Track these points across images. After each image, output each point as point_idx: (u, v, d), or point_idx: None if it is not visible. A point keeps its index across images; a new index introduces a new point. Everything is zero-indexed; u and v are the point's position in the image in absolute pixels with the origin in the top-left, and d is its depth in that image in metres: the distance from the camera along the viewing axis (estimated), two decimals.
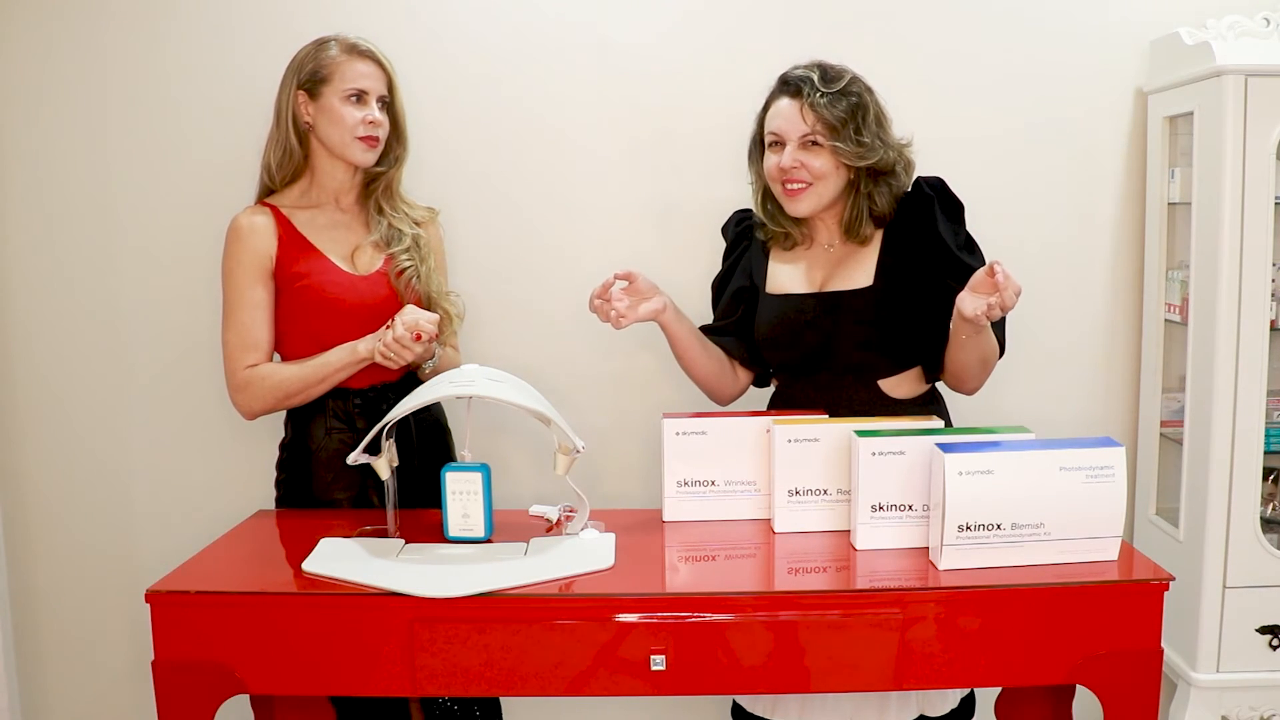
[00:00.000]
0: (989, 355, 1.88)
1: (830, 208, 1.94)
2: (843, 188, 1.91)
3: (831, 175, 1.89)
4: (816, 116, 1.85)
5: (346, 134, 1.96)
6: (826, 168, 1.88)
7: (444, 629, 1.54)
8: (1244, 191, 2.11)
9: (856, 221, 1.92)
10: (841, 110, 1.85)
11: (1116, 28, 2.39)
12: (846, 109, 1.85)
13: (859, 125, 1.86)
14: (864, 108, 1.87)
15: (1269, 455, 2.21)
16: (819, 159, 1.87)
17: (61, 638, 2.53)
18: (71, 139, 2.37)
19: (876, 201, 1.91)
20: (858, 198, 1.91)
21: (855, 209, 1.92)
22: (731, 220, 2.12)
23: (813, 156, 1.87)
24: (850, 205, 1.92)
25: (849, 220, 1.93)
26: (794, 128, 1.87)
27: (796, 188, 1.89)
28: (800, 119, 1.86)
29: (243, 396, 1.97)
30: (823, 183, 1.89)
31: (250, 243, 1.96)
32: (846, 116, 1.85)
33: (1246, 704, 2.22)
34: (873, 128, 1.87)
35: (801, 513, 1.79)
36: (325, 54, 1.97)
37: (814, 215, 1.95)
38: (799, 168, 1.88)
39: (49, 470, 2.48)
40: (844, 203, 1.94)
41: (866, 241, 1.95)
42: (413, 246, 2.04)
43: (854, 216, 1.92)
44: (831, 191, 1.90)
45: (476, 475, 1.75)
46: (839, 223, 1.96)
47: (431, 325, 1.88)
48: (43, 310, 2.43)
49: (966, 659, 1.56)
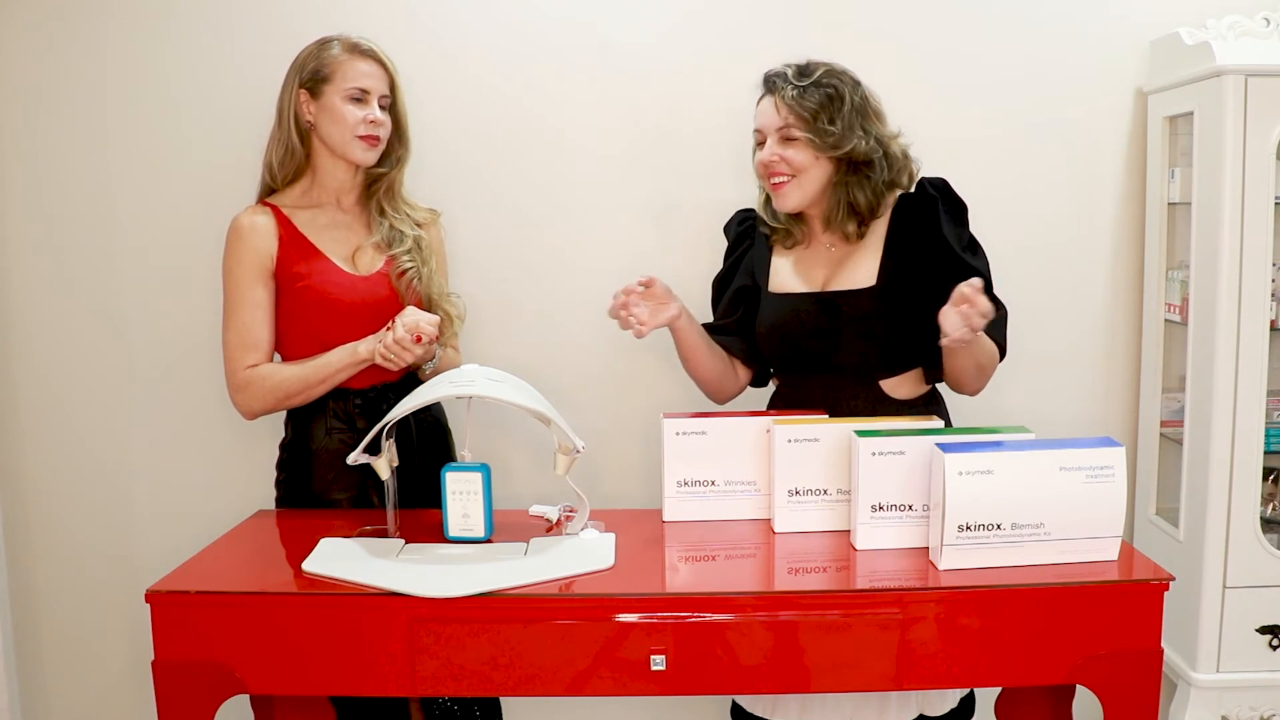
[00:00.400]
0: (985, 361, 1.88)
1: (818, 203, 1.95)
2: (828, 180, 1.92)
3: (812, 168, 1.90)
4: (788, 109, 1.89)
5: (347, 133, 1.96)
6: (805, 160, 1.90)
7: (444, 629, 1.54)
8: (1244, 191, 2.11)
9: (835, 215, 1.94)
10: (813, 102, 1.88)
11: (1116, 28, 2.39)
12: (819, 100, 1.88)
13: (832, 115, 1.88)
14: (838, 99, 1.89)
15: (1269, 455, 2.21)
16: (798, 152, 1.90)
17: (61, 638, 2.53)
18: (71, 139, 2.37)
19: (853, 194, 1.92)
20: (835, 189, 1.93)
21: (833, 201, 1.93)
22: (734, 219, 2.12)
23: (791, 150, 1.90)
24: (830, 199, 1.94)
25: (827, 214, 1.95)
26: (770, 122, 1.91)
27: (779, 181, 1.92)
28: (775, 113, 1.90)
29: (243, 397, 1.97)
30: (804, 176, 1.91)
31: (251, 242, 1.96)
32: (818, 108, 1.88)
33: (1246, 704, 2.22)
34: (847, 118, 1.88)
35: (801, 513, 1.79)
36: (328, 53, 1.97)
37: (804, 210, 1.96)
38: (778, 161, 1.91)
39: (49, 470, 2.48)
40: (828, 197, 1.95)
41: (852, 238, 1.95)
42: (414, 248, 2.04)
43: (832, 209, 1.94)
44: (815, 185, 1.92)
45: (476, 475, 1.75)
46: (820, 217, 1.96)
47: (432, 327, 1.88)
48: (43, 310, 2.43)
49: (966, 659, 1.56)
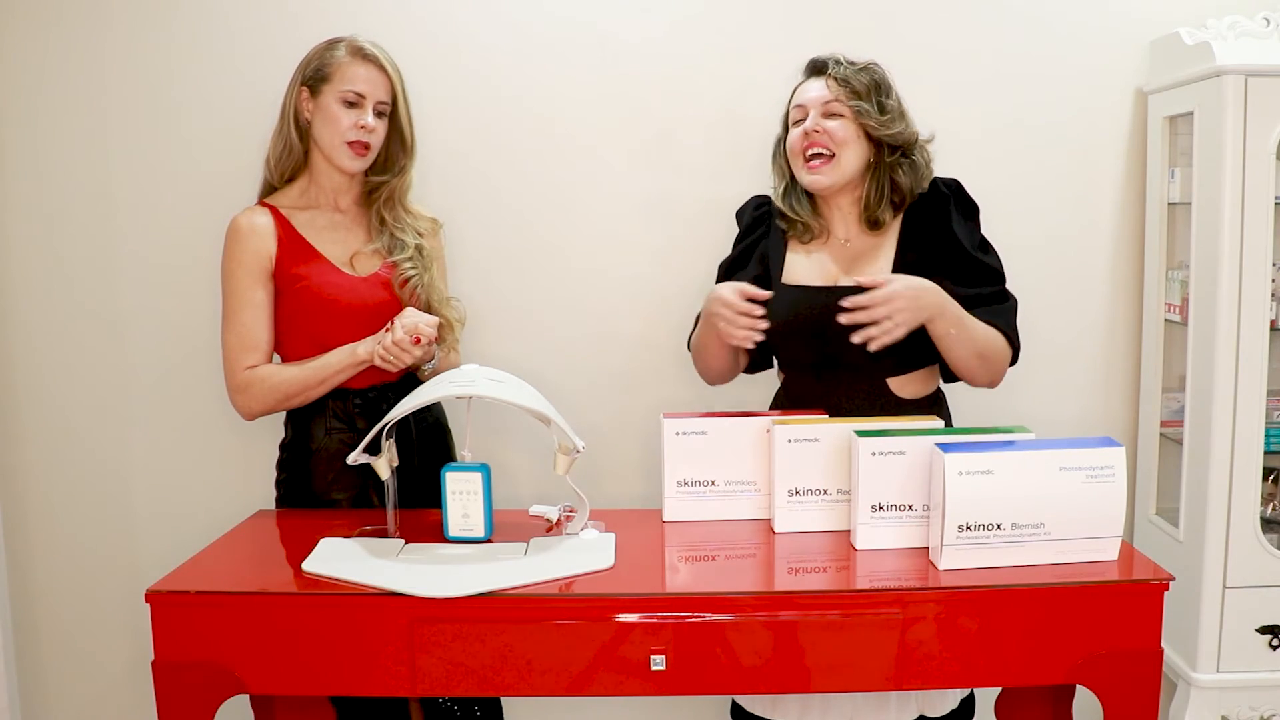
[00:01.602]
0: (985, 350, 1.88)
1: (850, 192, 1.96)
2: (862, 167, 1.94)
3: (852, 143, 1.92)
4: (839, 85, 1.92)
5: (336, 137, 1.96)
6: (848, 135, 1.92)
7: (444, 629, 1.54)
8: (1244, 191, 2.11)
9: (876, 201, 1.95)
10: (865, 80, 1.93)
11: (1116, 28, 2.39)
12: (869, 80, 1.93)
13: (882, 99, 1.93)
14: (886, 85, 1.95)
15: (1269, 455, 2.21)
16: (841, 127, 1.92)
17: (61, 638, 2.53)
18: (71, 140, 2.37)
19: (899, 177, 1.93)
20: (880, 172, 1.94)
21: (876, 185, 1.95)
22: (749, 205, 2.12)
23: (835, 124, 1.92)
24: (871, 182, 1.95)
25: (868, 198, 1.95)
26: (818, 96, 1.94)
27: (818, 160, 1.92)
28: (825, 89, 1.93)
29: (242, 397, 1.97)
30: (843, 154, 1.92)
31: (250, 243, 1.96)
32: (870, 86, 1.93)
33: (1246, 704, 2.22)
34: (896, 103, 1.94)
35: (801, 513, 1.79)
36: (332, 53, 1.97)
37: (833, 196, 1.97)
38: (820, 134, 1.92)
39: (49, 470, 2.48)
40: (863, 184, 1.96)
41: (882, 229, 1.95)
42: (415, 255, 2.03)
43: (875, 194, 1.95)
44: (852, 165, 1.93)
45: (476, 475, 1.75)
46: (857, 206, 1.97)
47: (430, 328, 1.88)
48: (43, 311, 2.42)
49: (966, 659, 1.56)
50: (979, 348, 1.87)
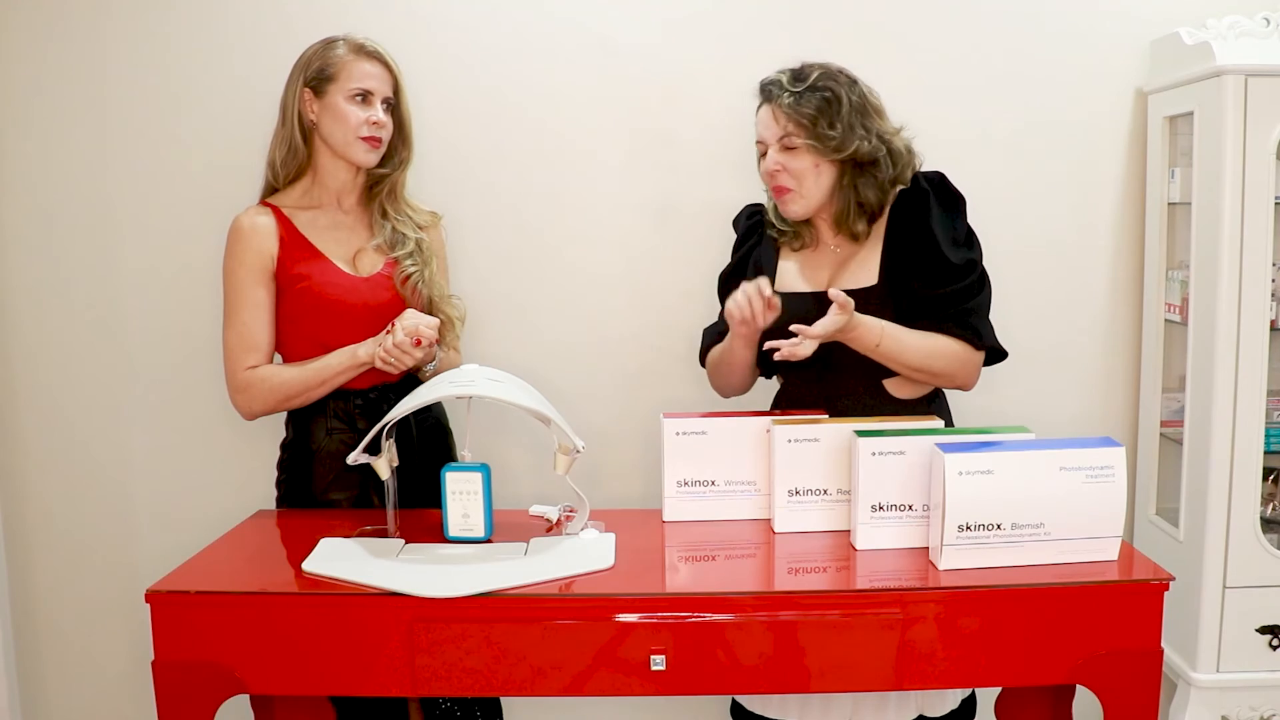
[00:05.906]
0: (922, 364, 1.87)
1: (827, 207, 1.95)
2: (831, 185, 1.92)
3: (812, 174, 1.90)
4: (786, 117, 1.89)
5: (350, 133, 1.96)
6: (805, 166, 1.90)
7: (444, 629, 1.54)
8: (1244, 191, 2.11)
9: (845, 215, 1.94)
10: (810, 107, 1.88)
11: (1116, 28, 2.39)
12: (816, 105, 1.88)
13: (831, 119, 1.88)
14: (835, 101, 1.88)
15: (1269, 455, 2.21)
16: (798, 159, 1.90)
17: (61, 638, 2.53)
18: (71, 139, 2.37)
19: (862, 194, 1.92)
20: (844, 190, 1.93)
21: (843, 202, 1.93)
22: (743, 213, 2.12)
23: (792, 158, 1.90)
24: (839, 199, 1.94)
25: (838, 214, 1.95)
26: (770, 132, 1.91)
27: (784, 192, 1.92)
28: (774, 122, 1.90)
29: (243, 398, 1.97)
30: (807, 184, 1.90)
31: (252, 243, 1.96)
32: (815, 113, 1.88)
33: (1246, 704, 2.22)
34: (846, 119, 1.88)
35: (801, 513, 1.79)
36: (332, 53, 1.97)
37: (811, 215, 1.96)
38: (780, 171, 1.91)
39: (49, 470, 2.48)
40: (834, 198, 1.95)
41: (862, 238, 1.95)
42: (416, 251, 2.04)
43: (842, 210, 1.94)
44: (819, 190, 1.92)
45: (476, 475, 1.75)
46: (830, 219, 1.96)
47: (431, 330, 1.88)
48: (43, 310, 2.42)
49: (966, 659, 1.56)
50: (911, 362, 1.86)
